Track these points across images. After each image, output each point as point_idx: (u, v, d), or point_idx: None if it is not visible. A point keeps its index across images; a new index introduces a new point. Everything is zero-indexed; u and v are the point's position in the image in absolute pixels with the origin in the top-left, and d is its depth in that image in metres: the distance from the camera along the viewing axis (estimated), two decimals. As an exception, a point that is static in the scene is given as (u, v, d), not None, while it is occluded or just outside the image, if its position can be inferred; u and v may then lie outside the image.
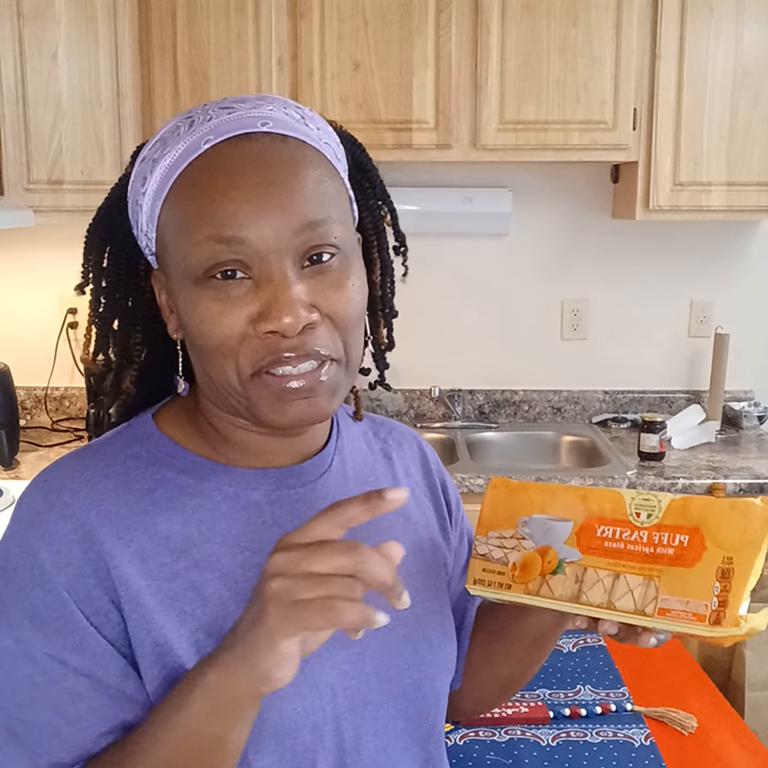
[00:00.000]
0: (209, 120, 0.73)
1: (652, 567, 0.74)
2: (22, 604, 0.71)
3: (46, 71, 2.23)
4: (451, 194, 2.80)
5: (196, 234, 0.70)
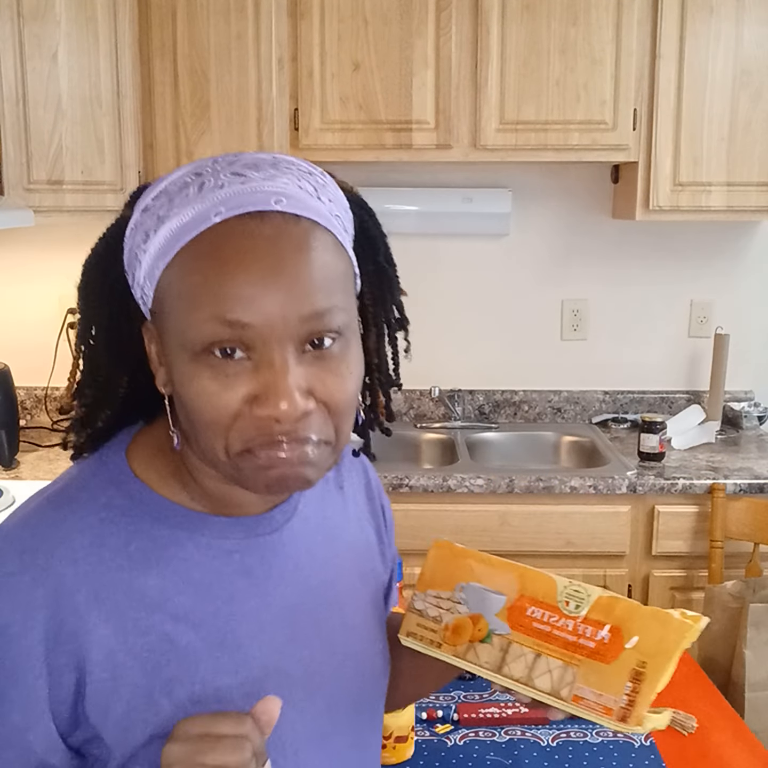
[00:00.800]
0: (221, 187, 0.70)
1: (572, 655, 0.79)
2: None
3: (46, 71, 2.23)
4: (451, 194, 2.80)
5: (200, 311, 0.68)
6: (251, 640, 0.79)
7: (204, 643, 0.76)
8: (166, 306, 0.71)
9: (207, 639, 0.76)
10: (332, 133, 2.49)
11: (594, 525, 2.37)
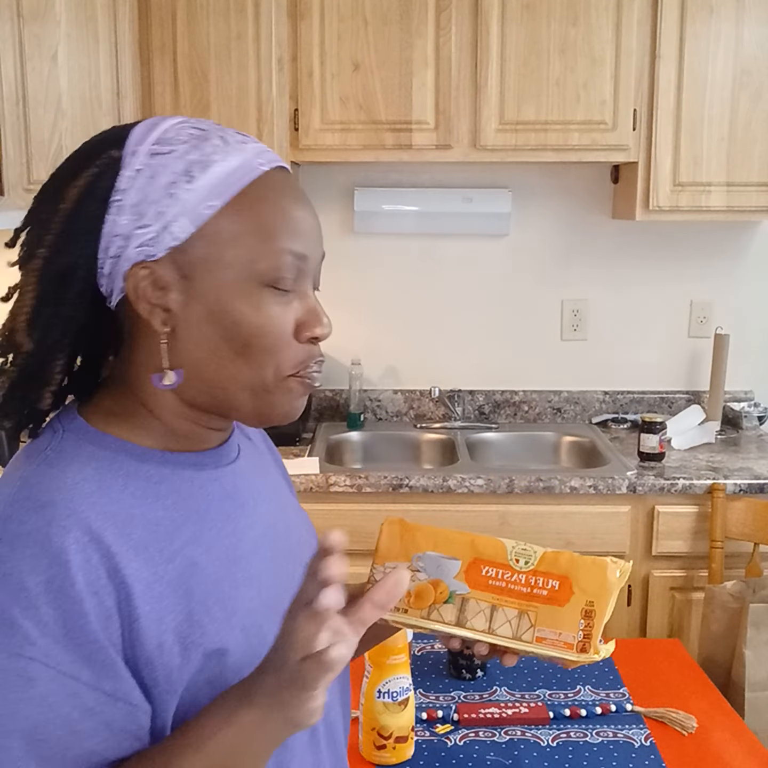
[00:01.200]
0: (244, 143, 0.81)
1: (529, 603, 0.91)
2: (33, 622, 0.69)
3: (46, 71, 2.23)
4: (451, 194, 2.80)
5: (275, 242, 0.78)
6: (252, 556, 0.86)
7: (219, 561, 0.82)
8: (220, 241, 0.77)
9: (220, 558, 0.82)
10: (332, 134, 2.49)
11: (594, 525, 2.37)
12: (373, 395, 2.95)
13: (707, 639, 2.20)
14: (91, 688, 0.71)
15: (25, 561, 0.70)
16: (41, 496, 0.73)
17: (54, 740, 0.69)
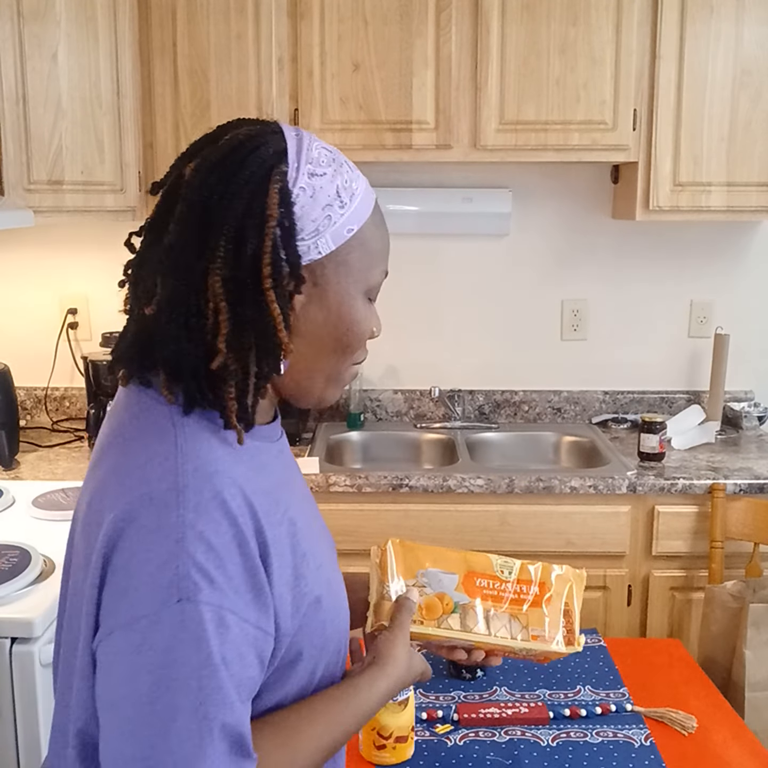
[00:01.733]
0: (359, 176, 0.96)
1: (518, 608, 1.10)
2: (225, 578, 0.80)
3: (46, 71, 2.23)
4: (451, 194, 2.80)
5: (381, 265, 0.96)
6: (305, 515, 0.98)
7: (301, 522, 0.95)
8: (354, 258, 0.92)
9: (300, 518, 0.95)
10: (332, 133, 2.49)
11: (594, 525, 2.37)
12: (373, 395, 2.95)
13: (707, 639, 2.20)
14: (257, 627, 0.83)
15: (210, 525, 0.80)
16: (207, 467, 0.83)
17: (236, 672, 0.81)
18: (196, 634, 0.78)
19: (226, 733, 0.79)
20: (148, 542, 0.79)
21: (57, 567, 1.68)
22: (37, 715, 1.50)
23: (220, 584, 0.80)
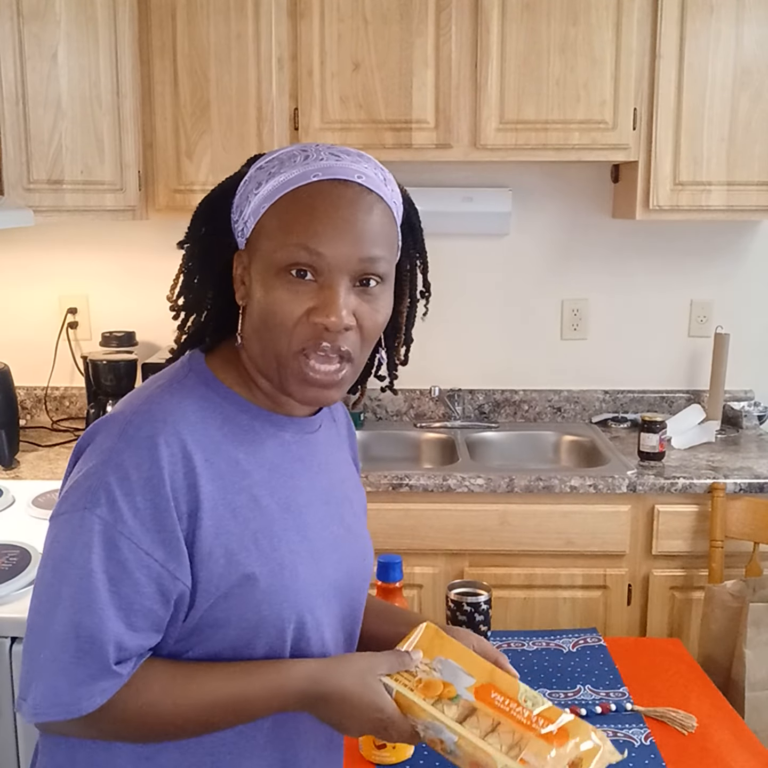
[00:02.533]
0: (321, 160, 0.96)
1: (523, 732, 0.95)
2: (129, 506, 0.90)
3: (46, 71, 2.23)
4: (451, 194, 2.80)
5: (290, 238, 0.93)
6: (306, 509, 1.04)
7: (277, 506, 1.00)
8: (263, 234, 0.96)
9: (279, 503, 1.00)
10: (332, 133, 2.49)
11: (594, 525, 2.37)
12: (373, 395, 2.95)
13: (707, 639, 2.20)
14: (160, 564, 0.91)
15: (133, 458, 0.91)
16: (158, 413, 0.95)
17: (125, 594, 0.90)
18: (85, 540, 0.90)
19: (88, 640, 0.89)
20: (87, 456, 0.94)
21: (57, 567, 1.68)
22: (37, 714, 1.50)
23: (122, 509, 0.90)
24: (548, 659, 1.75)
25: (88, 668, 0.90)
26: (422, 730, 0.97)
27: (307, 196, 0.94)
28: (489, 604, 1.67)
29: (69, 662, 0.89)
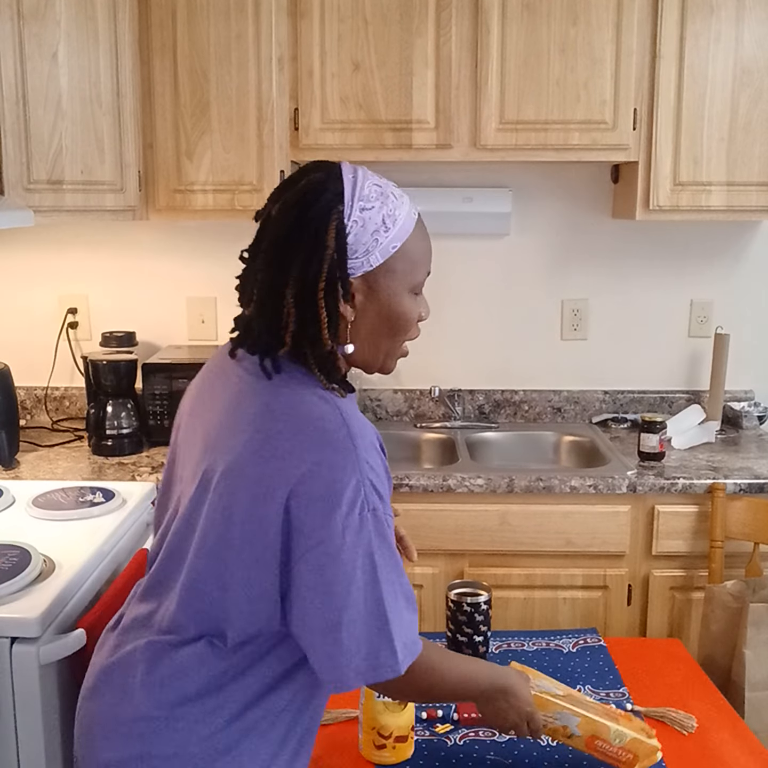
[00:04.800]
0: (403, 197, 1.23)
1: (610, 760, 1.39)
2: (383, 491, 1.17)
3: (46, 71, 2.23)
4: (451, 194, 2.80)
5: (423, 267, 1.26)
6: None
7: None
8: (397, 266, 1.22)
9: None
10: (332, 133, 2.49)
11: (594, 525, 2.37)
12: (373, 395, 2.95)
13: (707, 639, 2.20)
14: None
15: (364, 453, 1.14)
16: (358, 428, 1.17)
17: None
18: (369, 532, 1.12)
19: (405, 590, 1.17)
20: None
21: (57, 567, 1.68)
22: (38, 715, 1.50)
23: (381, 492, 1.15)
24: (548, 659, 1.75)
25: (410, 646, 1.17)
26: (551, 721, 1.37)
27: (417, 231, 1.23)
28: (489, 604, 1.67)
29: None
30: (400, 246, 1.20)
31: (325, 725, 1.53)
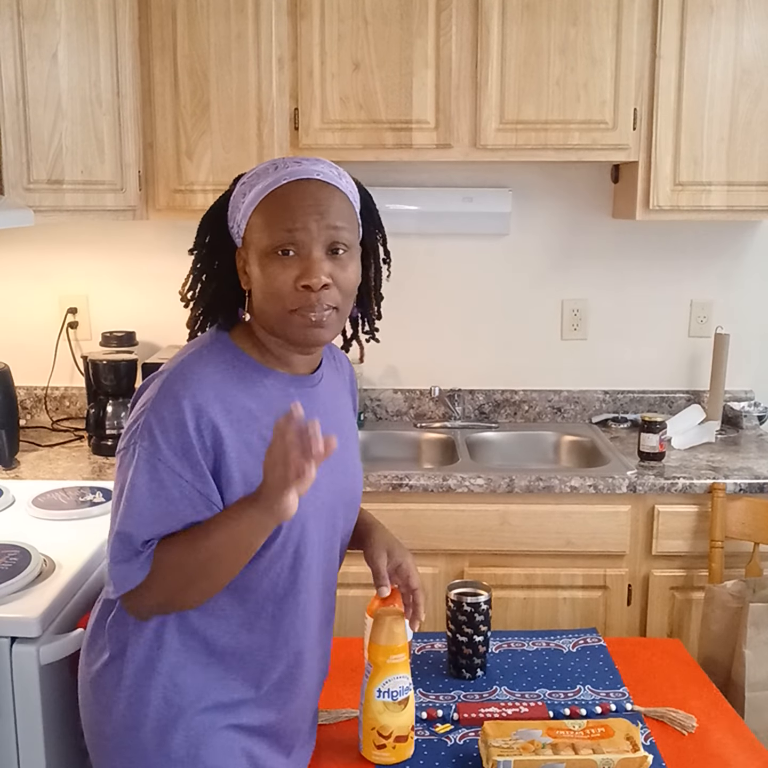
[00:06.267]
0: (287, 168, 1.26)
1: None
2: (164, 439, 1.20)
3: (46, 71, 2.23)
4: (451, 194, 2.80)
5: (275, 227, 1.24)
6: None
7: None
8: (253, 230, 1.26)
9: None
10: (332, 133, 2.49)
11: (594, 525, 2.37)
12: (373, 395, 2.95)
13: (707, 639, 2.20)
14: (189, 484, 1.21)
15: (168, 408, 1.21)
16: (188, 374, 1.24)
17: (161, 506, 1.21)
18: (135, 466, 1.21)
19: (124, 532, 1.21)
20: (138, 404, 1.26)
21: (56, 566, 1.68)
22: (37, 715, 1.50)
23: (159, 442, 1.20)
24: (548, 659, 1.75)
25: (128, 554, 1.22)
26: None
27: (281, 195, 1.25)
28: (489, 604, 1.67)
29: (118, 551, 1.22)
30: (254, 209, 1.26)
31: (325, 725, 1.53)
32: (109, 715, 1.29)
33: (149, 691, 1.27)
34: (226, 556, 1.21)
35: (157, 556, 1.22)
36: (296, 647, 1.34)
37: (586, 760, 1.36)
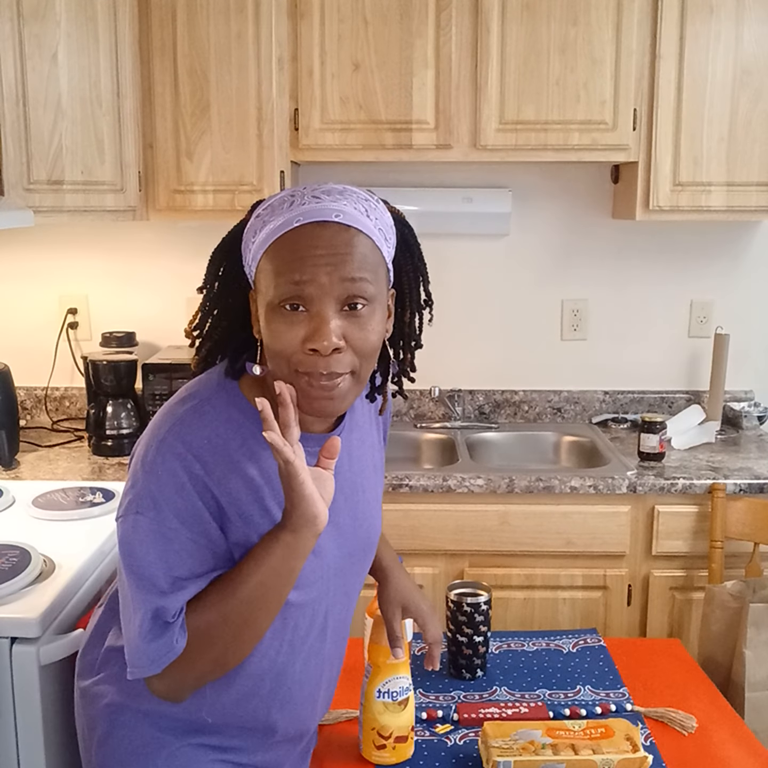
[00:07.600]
0: (303, 204, 1.08)
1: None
2: (170, 506, 1.10)
3: (46, 71, 2.23)
4: (451, 194, 2.80)
5: (282, 277, 1.06)
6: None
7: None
8: (261, 277, 1.10)
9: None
10: (332, 133, 2.49)
11: (594, 525, 2.37)
12: (373, 395, 2.95)
13: (707, 639, 2.20)
14: (191, 540, 1.11)
15: (166, 471, 1.10)
16: (185, 436, 1.11)
17: (181, 571, 1.11)
18: (141, 539, 1.10)
19: (150, 609, 1.10)
20: (133, 466, 1.14)
21: (56, 567, 1.68)
22: (37, 715, 1.50)
23: (166, 513, 1.09)
24: (548, 660, 1.75)
25: (158, 624, 1.10)
26: None
27: (291, 241, 1.07)
28: (489, 604, 1.67)
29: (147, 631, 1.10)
30: (263, 253, 1.09)
31: (325, 725, 1.53)
32: (93, 730, 1.28)
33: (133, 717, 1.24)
34: (269, 592, 1.12)
35: (190, 622, 1.12)
36: (294, 713, 1.29)
37: (586, 760, 1.36)
